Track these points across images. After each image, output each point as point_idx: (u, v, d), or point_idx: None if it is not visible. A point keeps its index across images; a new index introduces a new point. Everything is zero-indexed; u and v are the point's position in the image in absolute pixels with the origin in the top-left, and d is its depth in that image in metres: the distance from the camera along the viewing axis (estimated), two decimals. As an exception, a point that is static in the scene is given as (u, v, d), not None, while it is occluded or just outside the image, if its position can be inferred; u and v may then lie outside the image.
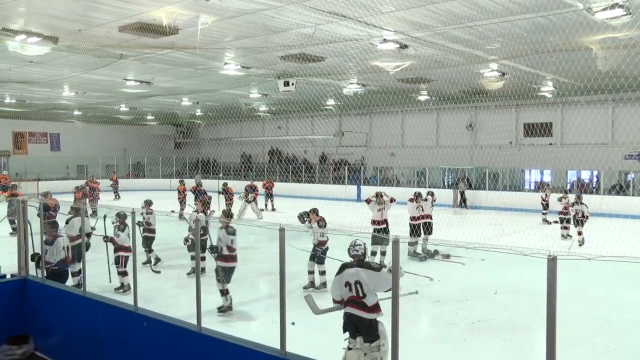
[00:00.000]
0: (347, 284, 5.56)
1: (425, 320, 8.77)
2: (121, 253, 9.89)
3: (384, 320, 5.38)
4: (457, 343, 7.45)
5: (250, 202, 20.57)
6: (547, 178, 26.84)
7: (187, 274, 11.25)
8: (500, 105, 27.81)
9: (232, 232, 8.79)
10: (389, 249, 11.03)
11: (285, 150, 37.93)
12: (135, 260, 6.70)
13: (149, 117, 36.06)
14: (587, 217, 14.86)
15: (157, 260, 12.26)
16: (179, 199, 20.59)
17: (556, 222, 19.21)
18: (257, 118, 37.23)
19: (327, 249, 10.03)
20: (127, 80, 20.08)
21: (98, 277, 10.20)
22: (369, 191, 25.05)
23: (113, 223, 9.96)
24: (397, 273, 4.30)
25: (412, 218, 13.40)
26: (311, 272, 10.03)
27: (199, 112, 33.35)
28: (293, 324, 7.27)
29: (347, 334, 5.63)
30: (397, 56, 15.15)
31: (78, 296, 7.00)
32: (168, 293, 9.81)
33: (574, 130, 25.33)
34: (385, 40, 13.08)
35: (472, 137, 29.43)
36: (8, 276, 8.00)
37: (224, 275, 8.58)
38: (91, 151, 36.75)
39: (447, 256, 12.93)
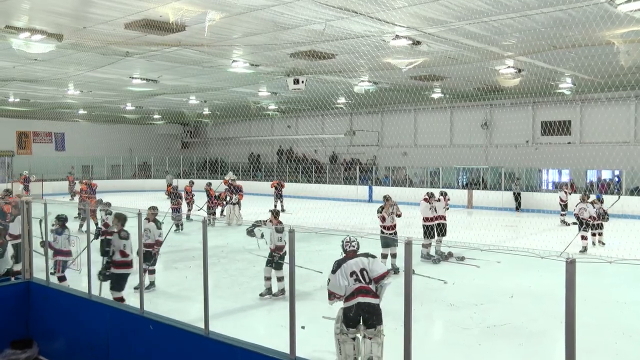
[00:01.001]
0: (353, 273, 5.95)
1: (439, 324, 8.73)
2: (59, 258, 9.41)
3: (397, 323, 5.38)
4: (471, 348, 7.41)
5: (234, 204, 19.25)
6: (565, 178, 26.62)
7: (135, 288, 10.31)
8: (517, 103, 27.65)
9: (125, 237, 8.52)
10: (399, 250, 11.01)
11: (295, 150, 37.96)
12: (142, 263, 6.71)
13: (156, 116, 36.23)
14: (592, 217, 14.42)
15: None
16: (186, 199, 20.64)
17: (575, 223, 19.05)
18: (266, 117, 37.28)
19: (284, 254, 9.80)
20: (133, 78, 20.17)
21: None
22: (381, 191, 25.12)
23: (53, 226, 9.66)
24: (409, 276, 4.29)
25: (426, 219, 13.35)
26: (268, 279, 9.83)
27: (206, 111, 33.43)
28: (303, 327, 7.31)
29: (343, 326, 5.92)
30: (410, 53, 15.10)
31: (83, 299, 7.04)
32: (175, 297, 9.84)
33: (594, 128, 25.11)
34: (397, 37, 13.04)
35: (487, 136, 29.28)
36: (12, 279, 8.05)
37: (116, 282, 8.35)
38: (96, 151, 37.03)
39: (462, 258, 12.87)
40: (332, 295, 5.98)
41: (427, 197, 13.46)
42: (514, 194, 24.86)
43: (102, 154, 37.22)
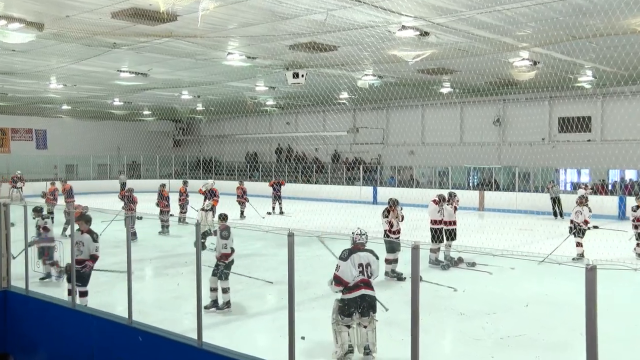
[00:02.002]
0: (360, 265, 6.86)
1: (449, 335, 8.71)
2: None
3: (404, 334, 5.38)
4: (484, 361, 7.39)
5: (207, 211, 17.50)
6: (585, 178, 26.51)
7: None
8: (532, 98, 27.63)
9: None
10: (406, 256, 10.97)
11: (294, 148, 37.98)
12: (130, 270, 6.70)
13: (145, 112, 36.24)
14: (587, 222, 13.97)
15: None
16: (179, 201, 20.57)
17: (596, 227, 18.93)
18: (263, 113, 37.30)
19: (231, 262, 9.51)
20: (121, 71, 20.19)
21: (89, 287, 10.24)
22: (386, 193, 25.07)
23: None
24: (417, 283, 4.27)
25: (434, 222, 13.31)
26: (214, 290, 9.48)
27: (200, 107, 33.45)
28: (303, 338, 7.30)
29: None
30: (417, 44, 15.10)
31: (66, 309, 7.01)
32: (166, 305, 9.82)
33: (616, 124, 24.98)
34: (404, 27, 13.04)
35: (500, 134, 29.27)
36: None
37: None
38: (81, 149, 36.95)
39: (473, 264, 12.84)
40: (339, 281, 6.72)
41: (436, 199, 13.43)
42: (552, 199, 23.32)
43: (88, 153, 37.13)
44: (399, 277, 11.39)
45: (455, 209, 13.95)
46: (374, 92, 25.19)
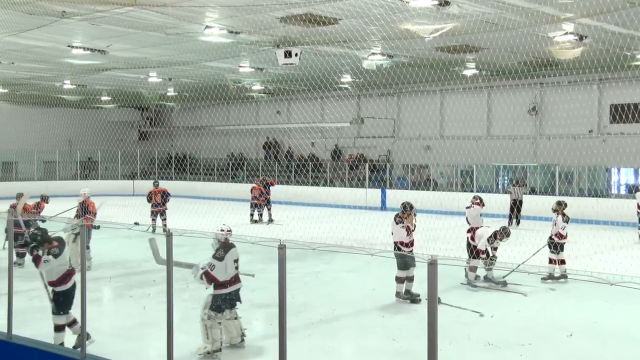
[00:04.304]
0: (235, 261, 8.49)
1: (474, 370, 8.73)
2: None
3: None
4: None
5: (76, 234, 14.22)
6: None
7: None
8: (577, 81, 27.60)
9: None
10: (423, 272, 10.92)
11: (286, 142, 37.99)
12: (85, 293, 6.68)
13: (104, 98, 36.14)
14: (563, 235, 14.03)
15: None
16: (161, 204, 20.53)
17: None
18: (249, 100, 37.31)
19: (68, 291, 8.46)
20: (72, 47, 20.13)
21: (32, 313, 10.22)
22: (396, 196, 25.03)
23: None
24: (434, 305, 4.28)
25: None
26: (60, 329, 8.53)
27: (171, 92, 33.43)
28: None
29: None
30: (436, 16, 15.12)
31: (1, 342, 6.95)
32: (128, 334, 9.81)
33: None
34: (419, -6, 13.07)
35: (536, 125, 29.30)
36: None
37: None
38: (23, 143, 36.60)
39: (503, 284, 12.87)
40: (211, 280, 8.14)
41: (478, 200, 13.50)
42: (514, 202, 23.30)
43: (31, 147, 36.80)
44: (413, 299, 11.38)
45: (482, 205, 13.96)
46: (383, 75, 25.20)
